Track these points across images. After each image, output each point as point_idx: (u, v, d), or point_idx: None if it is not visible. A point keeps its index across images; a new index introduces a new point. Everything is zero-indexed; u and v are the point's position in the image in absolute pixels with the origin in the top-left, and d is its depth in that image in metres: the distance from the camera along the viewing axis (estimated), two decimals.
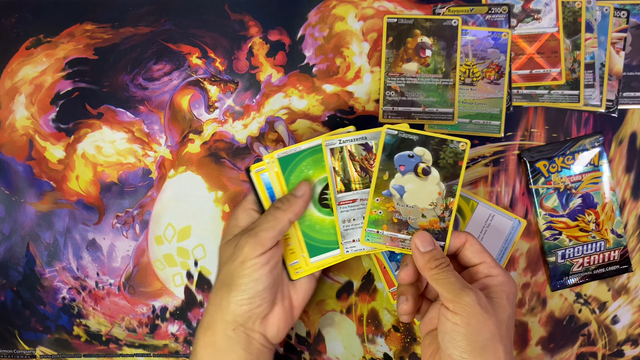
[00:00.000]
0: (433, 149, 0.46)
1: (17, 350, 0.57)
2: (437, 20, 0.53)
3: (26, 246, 0.56)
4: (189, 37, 0.55)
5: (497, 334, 0.40)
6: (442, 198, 0.46)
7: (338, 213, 0.48)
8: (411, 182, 0.46)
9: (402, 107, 0.54)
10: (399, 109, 0.54)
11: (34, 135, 0.55)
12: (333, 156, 0.48)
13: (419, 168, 0.46)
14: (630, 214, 0.55)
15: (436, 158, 0.46)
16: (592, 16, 0.53)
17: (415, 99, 0.54)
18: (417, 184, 0.46)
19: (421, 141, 0.46)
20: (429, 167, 0.46)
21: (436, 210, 0.46)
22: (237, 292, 0.45)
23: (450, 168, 0.46)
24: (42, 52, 0.55)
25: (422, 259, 0.44)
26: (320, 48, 0.55)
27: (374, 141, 0.48)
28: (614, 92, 0.54)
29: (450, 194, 0.46)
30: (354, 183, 0.48)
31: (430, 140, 0.46)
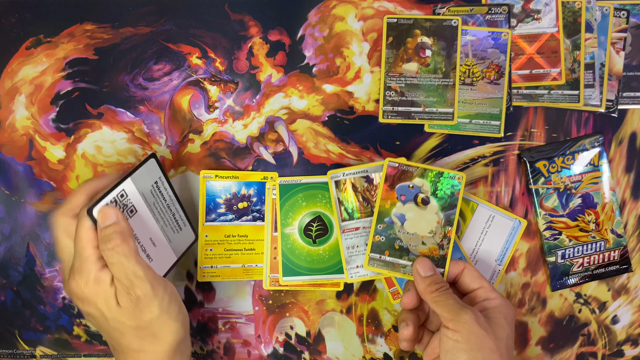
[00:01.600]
0: (431, 180, 0.50)
1: (17, 350, 0.57)
2: (437, 21, 0.53)
3: (26, 246, 0.56)
4: (189, 37, 0.55)
5: (496, 351, 0.42)
6: (440, 227, 0.49)
7: (342, 240, 0.52)
8: (411, 211, 0.50)
9: (402, 107, 0.54)
10: (399, 109, 0.54)
11: (34, 135, 0.55)
12: (337, 188, 0.52)
13: (419, 198, 0.49)
14: (630, 214, 0.55)
15: (435, 189, 0.50)
16: (592, 16, 0.53)
17: (415, 99, 0.54)
18: (417, 213, 0.50)
19: (420, 173, 0.50)
20: (428, 197, 0.49)
21: (435, 238, 0.49)
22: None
23: (448, 199, 0.49)
24: (42, 52, 0.55)
25: (423, 283, 0.46)
26: (320, 48, 0.55)
27: (375, 173, 0.52)
28: (613, 92, 0.54)
29: (449, 223, 0.49)
30: (357, 212, 0.52)
31: (428, 173, 0.50)
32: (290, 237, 0.54)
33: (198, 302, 0.56)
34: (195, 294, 0.56)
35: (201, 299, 0.56)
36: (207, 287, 0.56)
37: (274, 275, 0.54)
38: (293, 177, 0.54)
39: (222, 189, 0.54)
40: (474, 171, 0.55)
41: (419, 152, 0.55)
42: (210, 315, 0.56)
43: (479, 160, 0.55)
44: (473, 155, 0.55)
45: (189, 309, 0.56)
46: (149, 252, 0.46)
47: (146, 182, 0.46)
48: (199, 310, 0.56)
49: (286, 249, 0.53)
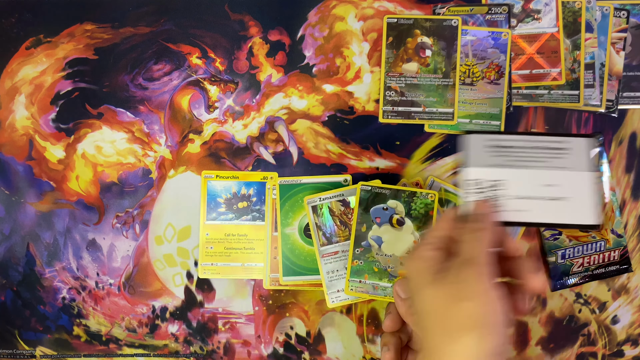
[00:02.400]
0: (405, 200, 0.50)
1: (17, 350, 0.57)
2: (437, 20, 0.53)
3: (26, 246, 0.56)
4: (189, 37, 0.55)
5: None
6: None
7: (322, 265, 0.52)
8: (387, 233, 0.50)
9: (402, 107, 0.54)
10: (399, 109, 0.54)
11: (34, 135, 0.55)
12: (315, 212, 0.52)
13: (394, 219, 0.50)
14: (630, 214, 0.55)
15: (409, 209, 0.50)
16: (592, 16, 0.53)
17: (415, 99, 0.54)
18: (393, 234, 0.50)
19: (393, 194, 0.50)
20: (402, 217, 0.50)
21: None
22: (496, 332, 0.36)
23: (422, 218, 0.50)
24: (42, 52, 0.55)
25: (404, 305, 0.43)
26: (320, 48, 0.55)
27: (352, 197, 0.52)
28: (614, 92, 0.54)
29: None
30: (335, 236, 0.52)
31: (401, 193, 0.50)
32: (290, 237, 0.54)
33: (198, 302, 0.56)
34: (195, 294, 0.56)
35: (201, 299, 0.56)
36: (207, 287, 0.56)
37: (274, 275, 0.54)
38: (293, 177, 0.54)
39: (222, 189, 0.54)
40: None
41: (419, 152, 0.55)
42: (210, 315, 0.56)
43: None
44: None
45: (189, 309, 0.56)
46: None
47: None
48: (199, 310, 0.56)
49: (286, 249, 0.53)
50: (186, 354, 0.56)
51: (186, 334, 0.56)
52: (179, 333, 0.56)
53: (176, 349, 0.56)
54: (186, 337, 0.56)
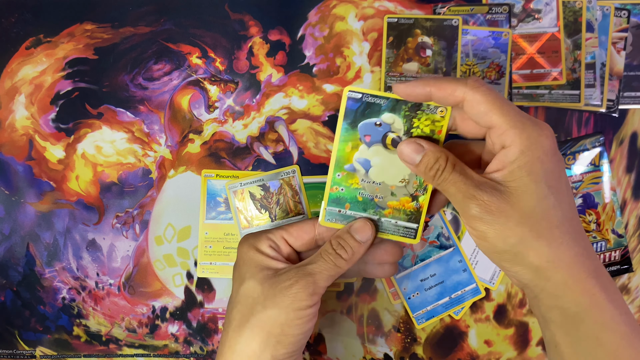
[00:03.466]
0: (405, 115, 0.38)
1: (17, 350, 0.57)
2: (438, 20, 0.53)
3: (26, 246, 0.56)
4: (189, 37, 0.55)
5: (529, 235, 0.33)
6: (414, 174, 0.39)
7: None
8: (379, 155, 0.39)
9: None
10: None
11: (34, 135, 0.55)
12: (236, 197, 0.53)
13: (388, 138, 0.39)
14: (631, 214, 0.55)
15: (409, 126, 0.38)
16: (592, 16, 0.53)
17: None
18: (386, 158, 0.39)
19: (391, 106, 0.38)
20: (400, 137, 0.39)
21: (408, 188, 0.39)
22: (283, 346, 0.37)
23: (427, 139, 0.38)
24: (42, 52, 0.55)
25: (418, 171, 0.37)
26: (320, 48, 0.55)
27: (272, 182, 0.52)
28: (614, 92, 0.54)
29: None
30: (255, 219, 0.53)
31: (402, 105, 0.38)
32: None
33: (198, 303, 0.56)
34: (195, 294, 0.56)
35: (201, 299, 0.56)
36: (207, 287, 0.56)
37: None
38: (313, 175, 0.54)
39: (222, 188, 0.54)
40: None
41: None
42: (210, 316, 0.56)
43: None
44: None
45: (189, 309, 0.56)
46: None
47: None
48: (199, 311, 0.56)
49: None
50: (186, 354, 0.56)
51: (186, 334, 0.56)
52: (179, 333, 0.56)
53: (176, 349, 0.56)
54: (186, 338, 0.56)
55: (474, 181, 0.34)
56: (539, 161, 0.33)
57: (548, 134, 0.33)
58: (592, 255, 0.34)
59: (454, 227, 0.54)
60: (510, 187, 0.33)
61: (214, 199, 0.54)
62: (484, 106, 0.33)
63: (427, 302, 0.54)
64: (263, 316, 0.37)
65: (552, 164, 0.33)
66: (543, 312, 0.35)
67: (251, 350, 0.37)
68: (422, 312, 0.54)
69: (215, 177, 0.54)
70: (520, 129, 0.33)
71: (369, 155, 0.40)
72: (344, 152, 0.40)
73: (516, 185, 0.33)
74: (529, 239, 0.33)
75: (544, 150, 0.33)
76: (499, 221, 0.33)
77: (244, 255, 0.40)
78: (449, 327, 0.55)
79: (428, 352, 0.55)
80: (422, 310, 0.54)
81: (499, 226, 0.33)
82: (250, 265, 0.39)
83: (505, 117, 0.33)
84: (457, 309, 0.54)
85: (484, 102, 0.33)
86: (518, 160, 0.33)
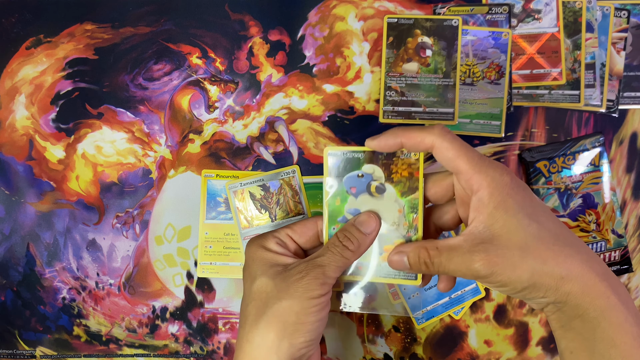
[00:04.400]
0: (383, 163, 0.42)
1: (17, 350, 0.57)
2: (438, 20, 0.53)
3: (26, 246, 0.56)
4: (189, 37, 0.55)
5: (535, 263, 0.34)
6: (403, 216, 0.42)
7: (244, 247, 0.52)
8: (366, 204, 0.42)
9: (402, 107, 0.54)
10: (399, 109, 0.54)
11: (34, 135, 0.55)
12: (236, 197, 0.53)
13: (372, 187, 0.42)
14: (630, 214, 0.55)
15: (389, 173, 0.42)
16: (592, 16, 0.53)
17: (416, 99, 0.54)
18: (374, 204, 0.42)
19: (369, 158, 0.42)
20: (382, 184, 0.42)
21: (400, 230, 0.42)
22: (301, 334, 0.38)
23: (407, 181, 0.41)
24: (42, 52, 0.55)
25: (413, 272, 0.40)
26: (320, 48, 0.55)
27: (272, 182, 0.52)
28: (614, 92, 0.54)
29: (412, 210, 0.41)
30: (255, 219, 0.53)
31: (378, 155, 0.42)
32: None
33: (198, 302, 0.56)
34: (195, 294, 0.56)
35: (201, 299, 0.56)
36: (207, 287, 0.56)
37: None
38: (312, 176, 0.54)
39: (222, 188, 0.54)
40: None
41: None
42: (210, 316, 0.56)
43: None
44: None
45: (189, 309, 0.56)
46: None
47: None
48: (199, 311, 0.56)
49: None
50: (186, 354, 0.56)
51: (186, 334, 0.56)
52: (179, 333, 0.56)
53: (176, 349, 0.56)
54: (186, 337, 0.56)
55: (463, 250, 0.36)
56: (509, 197, 0.35)
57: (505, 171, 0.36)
58: (597, 259, 0.36)
59: None
60: (495, 231, 0.35)
61: (214, 199, 0.54)
62: (452, 152, 0.36)
63: (427, 302, 0.54)
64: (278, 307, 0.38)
65: (520, 195, 0.36)
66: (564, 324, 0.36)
67: (270, 341, 0.38)
68: (422, 312, 0.54)
69: (215, 177, 0.54)
70: (484, 173, 0.36)
71: (358, 205, 0.42)
72: (334, 206, 0.42)
73: (499, 226, 0.35)
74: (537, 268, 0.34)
75: (508, 186, 0.36)
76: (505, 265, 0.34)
77: (253, 254, 0.41)
78: (448, 327, 0.55)
79: (428, 352, 0.55)
80: (422, 310, 0.54)
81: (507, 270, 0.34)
82: (260, 263, 0.40)
83: (470, 163, 0.36)
84: (457, 309, 0.54)
85: (451, 148, 0.36)
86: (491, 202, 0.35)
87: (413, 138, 0.38)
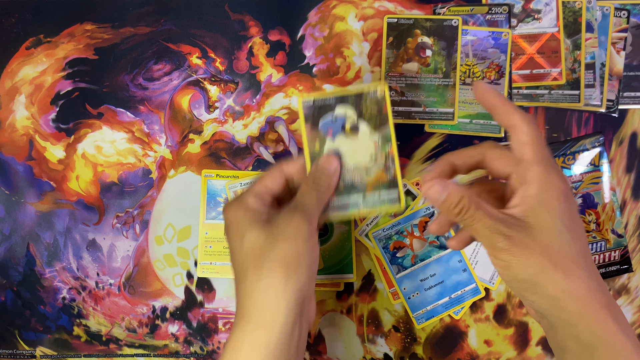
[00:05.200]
0: (353, 104, 0.45)
1: (17, 350, 0.57)
2: (438, 20, 0.53)
3: (26, 246, 0.56)
4: (189, 37, 0.55)
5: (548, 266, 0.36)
6: (379, 148, 0.45)
7: None
8: (344, 143, 0.45)
9: (402, 107, 0.54)
10: (399, 109, 0.54)
11: (34, 135, 0.55)
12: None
13: (347, 127, 0.45)
14: (630, 214, 0.55)
15: (360, 112, 0.45)
16: (592, 16, 0.53)
17: (416, 99, 0.54)
18: (350, 143, 0.45)
19: (339, 101, 0.45)
20: (355, 123, 0.45)
21: (378, 162, 0.45)
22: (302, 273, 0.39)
23: (377, 117, 0.45)
24: (42, 52, 0.55)
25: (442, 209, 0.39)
26: (320, 48, 0.55)
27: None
28: (614, 92, 0.54)
29: (386, 141, 0.45)
30: None
31: (347, 98, 0.45)
32: None
33: (198, 302, 0.56)
34: (196, 294, 0.56)
35: (201, 299, 0.56)
36: (208, 287, 0.56)
37: None
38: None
39: (222, 188, 0.54)
40: (474, 171, 0.55)
41: (419, 152, 0.55)
42: (210, 316, 0.56)
43: None
44: None
45: (189, 309, 0.56)
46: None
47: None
48: (199, 311, 0.56)
49: None
50: (186, 354, 0.56)
51: (186, 334, 0.56)
52: (179, 333, 0.56)
53: (176, 349, 0.56)
54: (186, 337, 0.56)
55: (498, 217, 0.37)
56: (556, 201, 0.36)
57: (565, 179, 0.37)
58: (605, 290, 0.37)
59: (453, 227, 0.54)
60: (531, 222, 0.36)
61: (214, 199, 0.54)
62: (527, 137, 0.37)
63: (427, 302, 0.54)
64: (277, 252, 0.39)
65: (567, 205, 0.37)
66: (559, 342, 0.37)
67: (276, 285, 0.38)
68: (422, 312, 0.54)
69: (216, 177, 0.54)
70: (544, 168, 0.37)
71: (336, 146, 0.45)
72: (314, 149, 0.45)
73: (536, 221, 0.36)
74: (547, 270, 0.35)
75: (560, 191, 0.37)
76: (522, 253, 0.36)
77: (235, 215, 0.42)
78: (448, 327, 0.55)
79: (428, 352, 0.55)
80: (422, 310, 0.54)
81: (521, 257, 0.36)
82: (245, 220, 0.41)
83: (536, 154, 0.37)
84: (457, 308, 0.54)
85: (528, 134, 0.37)
86: (537, 197, 0.36)
87: (506, 107, 0.39)
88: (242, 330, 0.38)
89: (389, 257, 0.54)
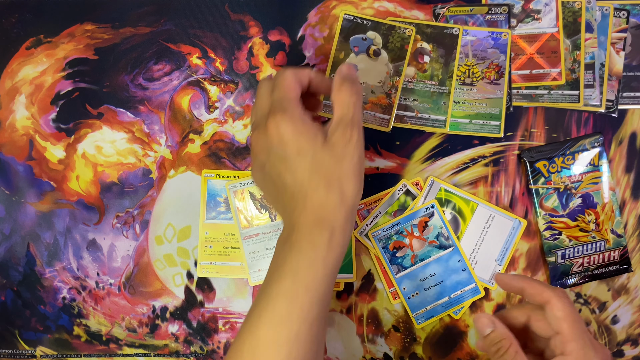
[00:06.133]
0: (383, 33, 0.52)
1: (17, 350, 0.57)
2: (439, 28, 0.53)
3: (26, 246, 0.56)
4: (189, 37, 0.55)
5: None
6: (389, 77, 0.53)
7: (244, 247, 0.54)
8: (363, 62, 0.53)
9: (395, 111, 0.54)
10: None
11: (34, 135, 0.55)
12: (236, 197, 0.54)
13: (371, 50, 0.53)
14: (630, 214, 0.55)
15: (386, 41, 0.53)
16: (592, 16, 0.53)
17: (409, 104, 0.54)
18: (369, 64, 0.53)
19: (373, 26, 0.53)
20: (379, 49, 0.53)
21: (384, 87, 0.53)
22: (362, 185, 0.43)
23: (398, 51, 0.53)
24: (43, 52, 0.55)
25: (484, 342, 0.42)
26: (320, 48, 0.55)
27: None
28: (613, 92, 0.54)
29: (397, 74, 0.53)
30: (255, 219, 0.54)
31: (381, 26, 0.52)
32: None
33: (198, 302, 0.56)
34: (196, 293, 0.56)
35: (201, 299, 0.56)
36: (207, 287, 0.56)
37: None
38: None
39: (222, 188, 0.54)
40: (474, 171, 0.55)
41: (419, 152, 0.55)
42: (210, 315, 0.56)
43: (479, 160, 0.55)
44: (473, 156, 0.55)
45: (189, 309, 0.56)
46: None
47: None
48: (199, 310, 0.56)
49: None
50: (186, 354, 0.56)
51: (186, 333, 0.56)
52: (179, 333, 0.56)
53: (176, 348, 0.56)
54: (186, 337, 0.56)
55: None
56: None
57: (600, 351, 0.39)
58: None
59: (453, 227, 0.54)
60: None
61: (214, 199, 0.55)
62: (561, 313, 0.39)
63: (426, 302, 0.54)
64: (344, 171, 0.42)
65: None
66: None
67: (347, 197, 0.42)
68: (422, 311, 0.54)
69: (215, 177, 0.55)
70: (580, 345, 0.39)
71: (357, 62, 0.53)
72: (338, 58, 0.53)
73: None
74: None
75: None
76: None
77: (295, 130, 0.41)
78: (448, 327, 0.55)
79: (428, 352, 0.55)
80: (422, 309, 0.54)
81: None
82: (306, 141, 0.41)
83: (573, 330, 0.39)
84: (456, 308, 0.54)
85: (562, 309, 0.39)
86: None
87: (534, 287, 0.41)
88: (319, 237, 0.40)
89: (388, 257, 0.54)
